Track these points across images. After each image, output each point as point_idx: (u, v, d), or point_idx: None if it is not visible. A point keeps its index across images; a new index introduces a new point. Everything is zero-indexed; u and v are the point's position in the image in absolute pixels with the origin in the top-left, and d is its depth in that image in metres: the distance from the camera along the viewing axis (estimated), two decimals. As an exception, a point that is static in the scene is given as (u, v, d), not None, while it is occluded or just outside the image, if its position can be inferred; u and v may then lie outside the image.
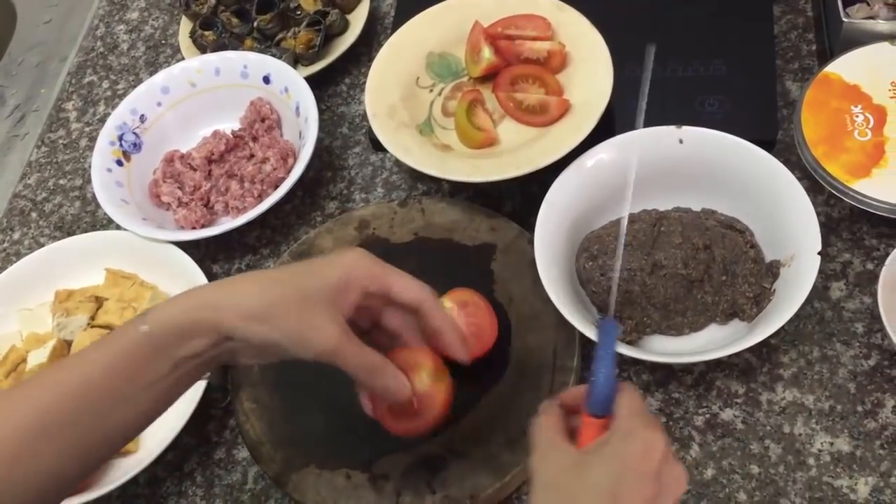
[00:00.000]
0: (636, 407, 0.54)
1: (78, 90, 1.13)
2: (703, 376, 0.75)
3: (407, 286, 0.62)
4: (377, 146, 0.91)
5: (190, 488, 0.79)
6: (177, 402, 0.67)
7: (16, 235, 1.02)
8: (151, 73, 1.08)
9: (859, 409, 0.71)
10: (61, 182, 1.05)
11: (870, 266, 0.78)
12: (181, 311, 0.58)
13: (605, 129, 0.80)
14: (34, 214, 1.03)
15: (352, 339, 0.59)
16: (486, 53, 0.86)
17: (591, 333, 0.70)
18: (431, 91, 0.90)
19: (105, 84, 1.13)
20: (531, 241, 0.76)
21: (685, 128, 0.78)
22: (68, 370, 0.58)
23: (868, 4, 0.86)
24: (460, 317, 0.75)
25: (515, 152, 0.81)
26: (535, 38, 0.86)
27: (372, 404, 0.65)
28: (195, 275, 0.84)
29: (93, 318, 0.86)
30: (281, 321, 0.57)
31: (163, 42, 1.14)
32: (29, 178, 1.06)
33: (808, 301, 0.68)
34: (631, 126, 0.80)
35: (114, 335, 0.59)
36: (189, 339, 0.57)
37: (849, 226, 0.80)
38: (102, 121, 1.07)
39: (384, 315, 0.65)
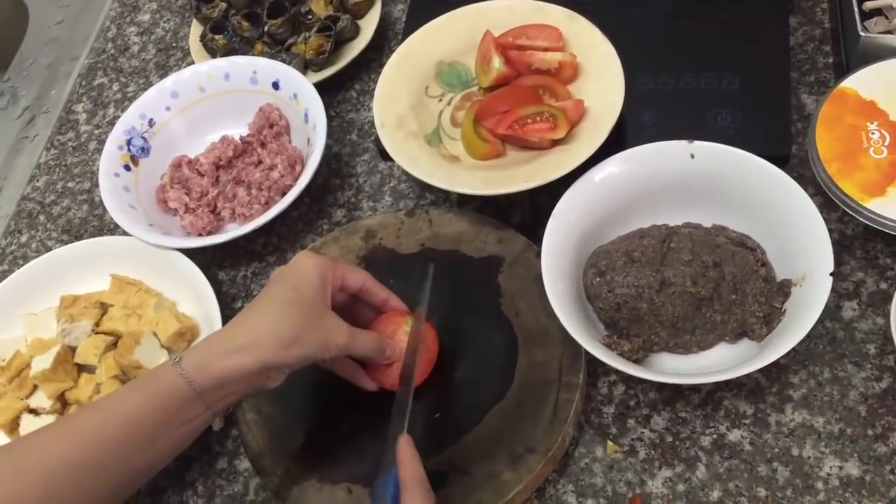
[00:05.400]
0: None
1: (88, 92, 1.13)
2: (710, 395, 0.74)
3: (353, 274, 0.72)
4: (385, 156, 0.90)
5: (191, 498, 0.78)
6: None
7: (23, 238, 1.02)
8: (161, 76, 1.08)
9: (870, 432, 0.70)
10: (70, 185, 1.05)
11: (883, 286, 0.76)
12: (217, 357, 0.63)
13: (616, 141, 0.79)
14: (42, 217, 1.03)
15: (352, 328, 0.68)
16: (497, 63, 0.85)
17: (595, 350, 0.69)
18: (441, 101, 0.89)
19: (115, 86, 1.12)
20: (539, 255, 0.75)
21: (697, 143, 0.77)
22: (106, 412, 0.62)
23: (887, 18, 0.84)
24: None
25: (524, 164, 0.80)
26: (546, 49, 0.85)
27: (371, 377, 0.73)
28: (200, 283, 0.84)
29: (97, 324, 0.86)
30: (308, 337, 0.65)
31: (173, 45, 1.14)
32: (38, 181, 1.06)
33: (820, 320, 0.67)
34: (642, 139, 0.79)
35: (152, 379, 0.64)
36: (228, 386, 0.63)
37: (863, 244, 0.79)
38: (112, 123, 1.07)
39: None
